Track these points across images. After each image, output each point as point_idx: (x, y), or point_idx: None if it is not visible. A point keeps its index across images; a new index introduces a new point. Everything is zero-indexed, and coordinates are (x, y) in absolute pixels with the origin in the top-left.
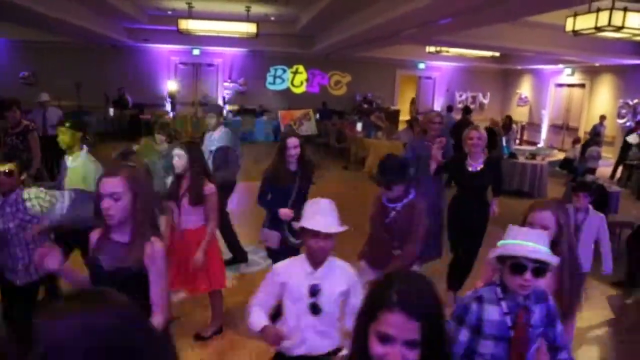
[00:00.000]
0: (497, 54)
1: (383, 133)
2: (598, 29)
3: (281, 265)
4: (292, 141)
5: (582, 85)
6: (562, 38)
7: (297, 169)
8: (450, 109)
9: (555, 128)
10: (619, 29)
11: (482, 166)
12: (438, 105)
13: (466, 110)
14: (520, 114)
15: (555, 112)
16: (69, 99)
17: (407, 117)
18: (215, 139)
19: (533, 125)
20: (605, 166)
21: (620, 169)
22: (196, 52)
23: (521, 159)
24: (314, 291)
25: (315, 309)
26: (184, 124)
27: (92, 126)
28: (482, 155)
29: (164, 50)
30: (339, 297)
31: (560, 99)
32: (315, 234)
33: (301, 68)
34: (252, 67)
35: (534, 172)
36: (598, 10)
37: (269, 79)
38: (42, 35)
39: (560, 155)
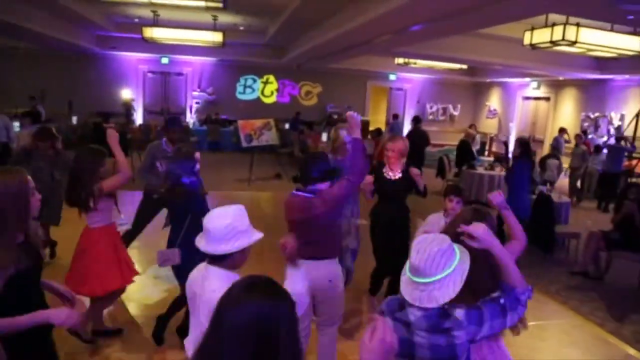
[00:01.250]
0: (464, 66)
1: None
2: (553, 42)
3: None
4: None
5: (547, 99)
6: (526, 52)
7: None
8: (417, 119)
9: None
10: (573, 43)
11: (400, 175)
12: (409, 116)
13: (416, 120)
14: (489, 126)
15: (522, 125)
16: (28, 106)
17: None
18: None
19: (500, 137)
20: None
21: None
22: (165, 60)
23: (479, 170)
24: None
25: None
26: (150, 133)
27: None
28: (400, 164)
29: (132, 58)
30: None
31: (527, 111)
32: None
33: (272, 78)
34: (222, 77)
35: (491, 183)
36: (553, 24)
37: (239, 88)
38: (5, 40)
39: None
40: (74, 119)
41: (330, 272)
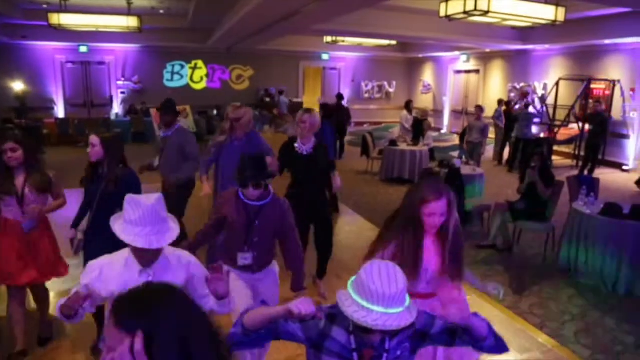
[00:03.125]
0: (393, 42)
1: (271, 126)
2: (467, 13)
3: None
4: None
5: (477, 71)
6: (449, 25)
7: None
8: (340, 97)
9: (456, 114)
10: (485, 13)
11: (311, 151)
12: (345, 95)
13: (339, 97)
14: (424, 101)
15: (456, 98)
16: None
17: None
18: None
19: (437, 112)
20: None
21: (507, 150)
22: (83, 49)
23: (402, 146)
24: None
25: None
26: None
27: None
28: (313, 139)
29: (48, 48)
30: None
31: (459, 85)
32: None
33: (200, 63)
34: (147, 64)
35: (413, 159)
36: None
37: (167, 75)
38: None
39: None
40: None
41: None
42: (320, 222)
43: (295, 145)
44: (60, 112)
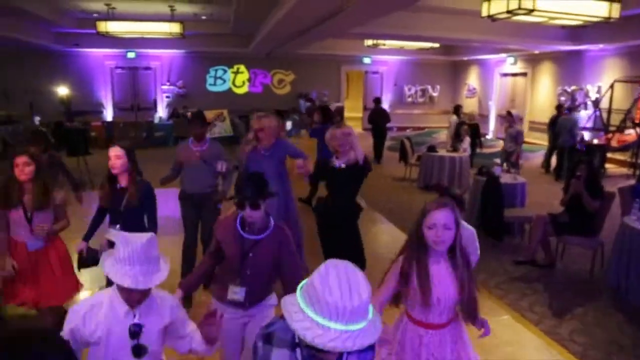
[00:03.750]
0: (436, 45)
1: (307, 130)
2: (511, 12)
3: (81, 310)
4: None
5: (525, 74)
6: (494, 25)
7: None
8: (377, 100)
9: (502, 119)
10: (530, 11)
11: (346, 166)
12: (387, 100)
13: (377, 101)
14: (469, 105)
15: (502, 102)
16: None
17: (355, 114)
18: None
19: (482, 117)
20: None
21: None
22: (131, 55)
23: (441, 152)
24: (135, 333)
25: (139, 352)
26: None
27: (21, 136)
28: (349, 154)
29: (98, 54)
30: (158, 334)
31: (505, 88)
32: None
33: (242, 68)
34: (191, 69)
35: (452, 166)
36: None
37: (209, 80)
38: None
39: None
40: (36, 120)
41: None
42: (345, 240)
43: (331, 159)
44: (108, 115)
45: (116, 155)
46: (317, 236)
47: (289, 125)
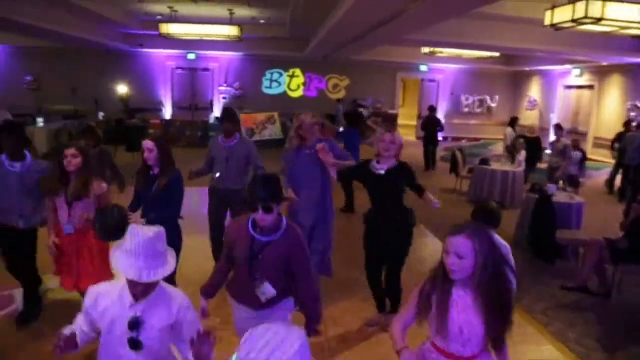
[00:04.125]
0: (496, 54)
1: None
2: (576, 21)
3: (96, 292)
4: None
5: (591, 87)
6: (563, 35)
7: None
8: (432, 108)
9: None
10: (598, 20)
11: (386, 172)
12: (442, 110)
13: (431, 109)
14: (529, 118)
15: (564, 116)
16: (65, 103)
17: (409, 122)
18: None
19: (543, 131)
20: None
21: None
22: (191, 56)
23: (495, 166)
24: (133, 325)
25: (134, 345)
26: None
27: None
28: (393, 161)
29: (161, 55)
30: (161, 332)
31: (569, 102)
32: None
33: (298, 72)
34: (248, 71)
35: (505, 180)
36: (575, 1)
37: (265, 83)
38: (41, 41)
39: None
40: (100, 115)
41: None
42: (390, 257)
43: (371, 163)
44: (167, 114)
45: (148, 148)
46: (350, 245)
47: (341, 129)
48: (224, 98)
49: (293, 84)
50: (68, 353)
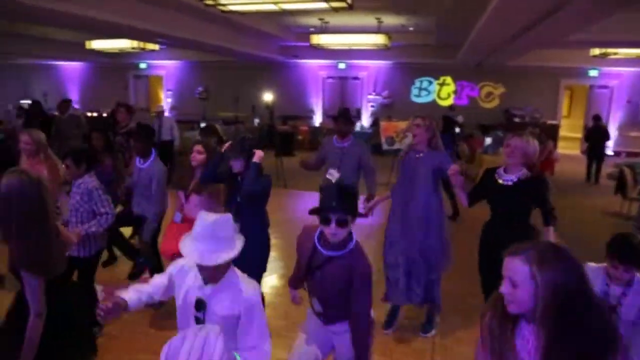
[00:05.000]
0: None
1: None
2: None
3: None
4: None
5: None
6: None
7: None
8: (597, 118)
9: None
10: None
11: (513, 183)
12: (616, 119)
13: (596, 118)
14: None
15: None
16: (228, 110)
17: (574, 134)
18: None
19: None
20: None
21: None
22: (342, 65)
23: None
24: (199, 306)
25: (199, 323)
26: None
27: (239, 135)
28: (522, 169)
29: (313, 65)
30: (223, 320)
31: None
32: None
33: (449, 79)
34: (396, 80)
35: None
36: None
37: (414, 91)
38: (210, 55)
39: None
40: (255, 121)
41: None
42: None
43: (497, 172)
44: (317, 121)
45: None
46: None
47: (488, 140)
48: (372, 106)
49: (443, 92)
50: (111, 317)
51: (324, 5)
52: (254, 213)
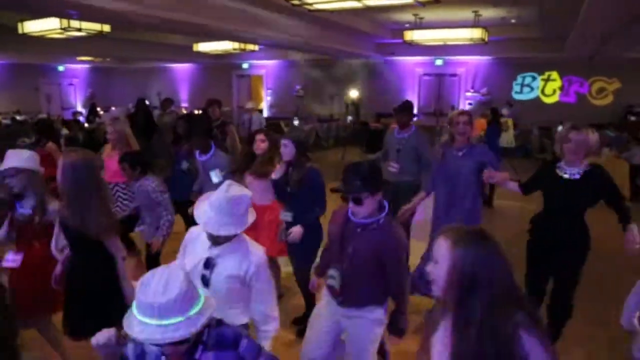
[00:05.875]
0: None
1: (611, 148)
2: None
3: (186, 241)
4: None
5: None
6: None
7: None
8: None
9: None
10: None
11: (579, 176)
12: None
13: None
14: None
15: None
16: (324, 109)
17: None
18: None
19: None
20: None
21: None
22: (439, 62)
23: None
24: (207, 264)
25: (204, 281)
26: None
27: (332, 132)
28: (584, 163)
29: (409, 62)
30: (227, 279)
31: None
32: None
33: (555, 75)
34: (496, 76)
35: None
36: None
37: (516, 87)
38: (308, 55)
39: None
40: (348, 119)
41: None
42: (561, 275)
43: (557, 165)
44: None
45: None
46: None
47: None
48: (469, 104)
49: (548, 88)
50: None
51: (409, 0)
52: (306, 203)
